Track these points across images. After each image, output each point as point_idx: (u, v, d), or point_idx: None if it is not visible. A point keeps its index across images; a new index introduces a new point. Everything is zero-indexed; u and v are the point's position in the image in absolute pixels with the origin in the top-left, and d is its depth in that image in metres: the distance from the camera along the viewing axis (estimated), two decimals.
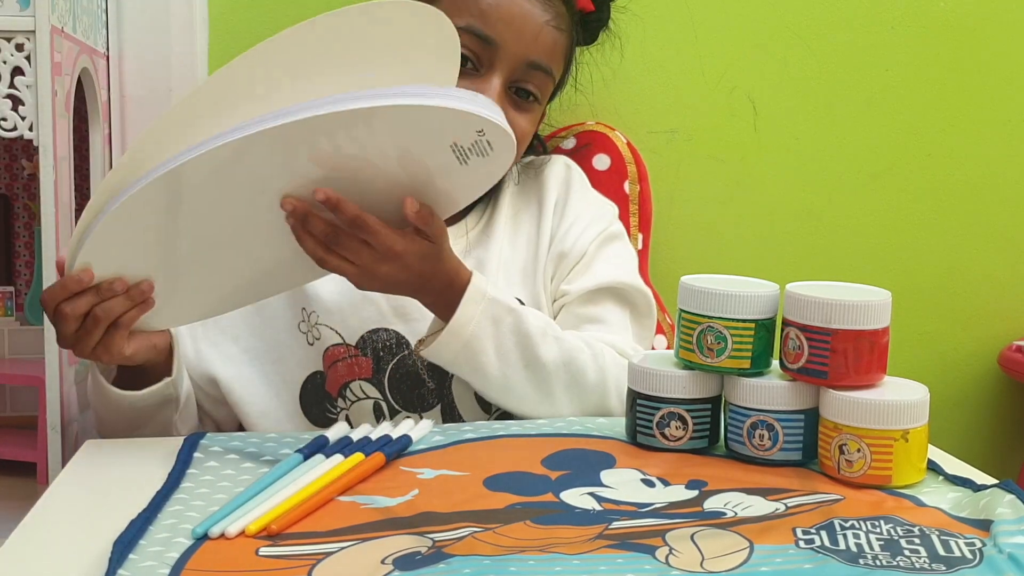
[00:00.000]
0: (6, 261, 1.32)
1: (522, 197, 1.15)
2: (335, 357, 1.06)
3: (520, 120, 1.06)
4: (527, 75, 1.06)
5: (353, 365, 1.05)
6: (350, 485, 0.79)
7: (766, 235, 1.38)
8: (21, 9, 0.99)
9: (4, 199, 1.31)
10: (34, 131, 1.00)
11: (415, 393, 1.05)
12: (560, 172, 1.16)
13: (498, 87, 1.04)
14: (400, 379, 1.05)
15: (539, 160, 1.18)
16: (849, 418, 0.80)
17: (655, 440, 0.88)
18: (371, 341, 1.06)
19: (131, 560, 0.65)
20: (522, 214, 1.14)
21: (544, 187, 1.14)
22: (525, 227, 1.13)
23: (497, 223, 1.12)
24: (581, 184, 1.17)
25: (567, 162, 1.18)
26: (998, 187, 1.41)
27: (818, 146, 1.37)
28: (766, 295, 0.86)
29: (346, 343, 1.05)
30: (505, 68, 1.05)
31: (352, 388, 1.05)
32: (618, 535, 0.69)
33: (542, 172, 1.16)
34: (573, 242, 1.10)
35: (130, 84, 1.25)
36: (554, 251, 1.10)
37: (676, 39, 1.33)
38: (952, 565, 0.65)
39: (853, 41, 1.36)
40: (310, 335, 1.06)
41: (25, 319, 1.29)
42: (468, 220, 1.12)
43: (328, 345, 1.06)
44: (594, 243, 1.10)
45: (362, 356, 1.06)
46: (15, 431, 1.24)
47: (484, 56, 1.04)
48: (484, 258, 1.09)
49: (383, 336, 1.06)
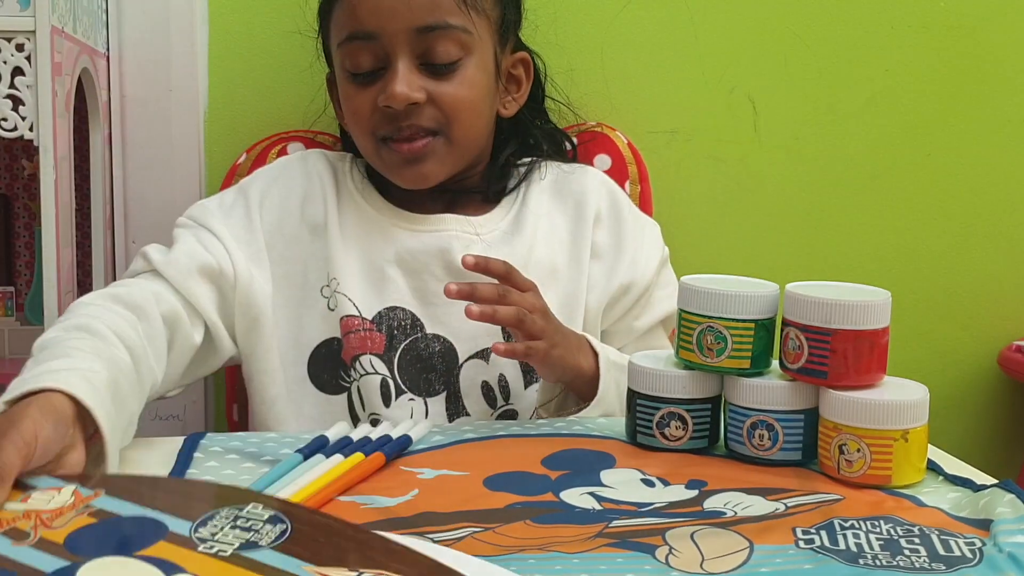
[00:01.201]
0: (6, 261, 1.32)
1: (556, 198, 1.14)
2: (349, 328, 1.06)
3: (446, 87, 1.04)
4: (426, 43, 1.03)
5: (366, 339, 1.05)
6: (350, 485, 0.79)
7: (766, 235, 1.37)
8: (21, 9, 0.99)
9: (4, 199, 1.31)
10: (34, 131, 1.01)
11: (423, 377, 1.05)
12: (601, 185, 1.15)
13: (404, 71, 1.02)
14: (411, 360, 1.06)
15: (575, 166, 1.17)
16: (849, 418, 0.80)
17: (655, 440, 0.88)
18: (387, 318, 1.06)
19: None
20: (556, 216, 1.13)
21: (583, 194, 1.13)
22: (560, 230, 1.12)
23: (526, 220, 1.11)
24: (629, 205, 1.16)
25: (605, 177, 1.17)
26: (998, 187, 1.41)
27: (818, 146, 1.37)
28: (766, 295, 0.86)
29: (362, 316, 1.06)
30: (400, 50, 1.03)
31: (362, 361, 1.05)
32: (618, 534, 0.69)
33: (578, 178, 1.15)
34: (638, 275, 1.11)
35: (130, 84, 1.25)
36: (614, 281, 1.10)
37: (676, 39, 1.33)
38: (952, 565, 0.65)
39: (853, 41, 1.36)
40: (332, 300, 1.07)
41: (25, 319, 1.29)
42: (495, 213, 1.12)
43: (344, 315, 1.06)
44: (654, 274, 1.12)
45: (376, 331, 1.06)
46: None
47: (378, 52, 1.03)
48: (511, 254, 1.07)
49: (399, 315, 1.06)
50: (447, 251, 1.07)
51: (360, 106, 1.06)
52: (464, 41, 1.05)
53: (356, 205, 1.10)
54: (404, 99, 1.02)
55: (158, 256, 1.02)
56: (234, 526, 0.62)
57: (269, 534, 0.62)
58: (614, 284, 1.11)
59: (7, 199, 1.31)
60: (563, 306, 1.08)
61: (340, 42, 1.06)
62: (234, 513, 0.63)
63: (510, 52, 1.13)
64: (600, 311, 1.11)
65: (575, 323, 1.09)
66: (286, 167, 1.13)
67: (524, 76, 1.14)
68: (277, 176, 1.12)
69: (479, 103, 1.07)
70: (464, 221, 1.10)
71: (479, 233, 1.09)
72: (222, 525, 0.62)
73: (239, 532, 0.61)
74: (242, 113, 1.29)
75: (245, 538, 0.61)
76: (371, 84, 1.05)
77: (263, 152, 1.24)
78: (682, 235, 1.30)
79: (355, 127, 1.08)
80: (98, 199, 1.21)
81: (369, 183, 1.12)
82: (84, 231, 1.26)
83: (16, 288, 1.31)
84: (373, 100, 1.05)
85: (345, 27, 1.05)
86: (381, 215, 1.10)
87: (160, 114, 1.25)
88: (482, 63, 1.07)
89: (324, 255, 1.07)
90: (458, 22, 1.04)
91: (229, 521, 0.62)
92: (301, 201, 1.10)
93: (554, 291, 1.08)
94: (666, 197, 1.31)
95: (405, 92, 1.02)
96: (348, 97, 1.08)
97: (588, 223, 1.12)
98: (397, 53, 1.03)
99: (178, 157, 1.26)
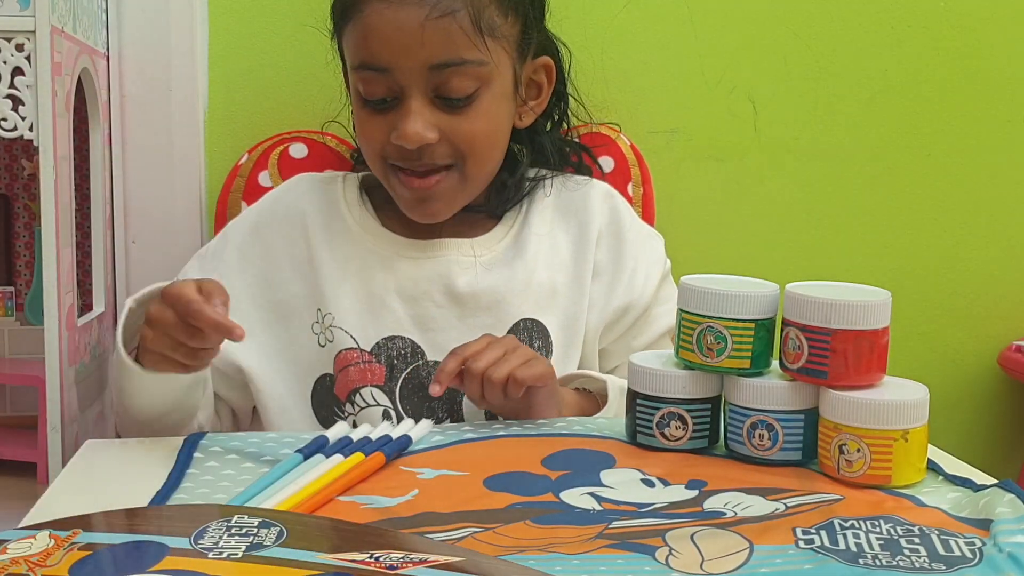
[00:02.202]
0: (6, 261, 1.32)
1: (559, 216, 1.12)
2: (347, 361, 1.05)
3: (461, 123, 1.01)
4: (440, 79, 0.99)
5: (366, 371, 1.04)
6: (350, 485, 0.79)
7: (766, 235, 1.37)
8: (21, 9, 0.99)
9: (4, 199, 1.31)
10: (34, 131, 1.00)
11: (426, 405, 1.04)
12: (604, 201, 1.13)
13: (418, 107, 1.00)
14: (412, 389, 1.05)
15: (579, 180, 1.15)
16: (849, 418, 0.80)
17: (655, 440, 0.88)
18: (386, 348, 1.05)
19: None
20: (558, 234, 1.11)
21: (586, 212, 1.11)
22: (562, 250, 1.10)
23: (528, 239, 1.09)
24: (631, 219, 1.14)
25: (610, 190, 1.15)
26: (998, 187, 1.41)
27: (818, 146, 1.37)
28: (766, 295, 0.86)
29: (360, 348, 1.05)
30: (414, 86, 1.00)
31: (363, 394, 1.04)
32: (618, 535, 0.69)
33: (582, 193, 1.13)
34: (635, 296, 1.10)
35: (130, 84, 1.25)
36: (612, 302, 1.09)
37: (676, 39, 1.33)
38: (952, 564, 0.65)
39: (853, 41, 1.36)
40: (323, 336, 1.06)
41: (25, 319, 1.29)
42: (496, 232, 1.10)
43: (341, 349, 1.05)
44: (653, 292, 1.11)
45: (376, 363, 1.04)
46: (15, 431, 1.24)
47: (391, 84, 1.01)
48: (512, 277, 1.07)
49: (399, 344, 1.05)
50: (446, 276, 1.06)
51: (373, 133, 1.04)
52: (480, 74, 1.01)
53: (350, 234, 1.08)
54: (418, 140, 1.00)
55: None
56: (231, 535, 0.62)
57: (268, 536, 0.62)
58: (612, 305, 1.09)
59: (7, 199, 1.31)
60: (563, 328, 1.08)
61: (353, 67, 1.03)
62: (224, 524, 0.63)
63: (531, 58, 1.09)
64: (599, 331, 1.10)
65: (575, 344, 1.08)
66: (260, 214, 1.11)
67: (545, 80, 1.11)
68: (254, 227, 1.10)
69: (495, 134, 1.05)
70: (464, 244, 1.08)
71: (478, 256, 1.08)
72: (219, 536, 0.62)
73: (239, 538, 0.61)
74: (242, 113, 1.29)
75: (248, 542, 0.61)
76: (384, 112, 1.02)
77: (265, 152, 1.24)
78: (682, 235, 1.30)
79: (367, 150, 1.06)
80: (98, 199, 1.21)
81: (363, 207, 1.11)
82: (84, 231, 1.25)
83: (16, 288, 1.31)
84: (386, 131, 1.02)
85: (357, 55, 1.02)
86: (377, 243, 1.08)
87: (160, 114, 1.25)
88: (500, 89, 1.04)
89: (311, 292, 1.06)
90: (473, 56, 1.00)
91: (223, 532, 0.62)
92: (282, 249, 1.08)
93: (554, 313, 1.08)
94: (666, 197, 1.31)
95: (419, 133, 1.00)
96: (361, 121, 1.05)
97: (591, 243, 1.10)
98: (411, 89, 1.00)
99: (178, 157, 1.26)
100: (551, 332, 1.07)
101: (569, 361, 1.08)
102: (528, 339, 1.06)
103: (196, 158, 1.26)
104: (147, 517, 0.69)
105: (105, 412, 1.21)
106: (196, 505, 0.74)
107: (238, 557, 0.59)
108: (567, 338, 1.08)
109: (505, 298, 1.06)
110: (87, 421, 1.12)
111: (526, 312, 1.07)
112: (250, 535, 0.62)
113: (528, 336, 1.06)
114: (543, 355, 1.05)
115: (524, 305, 1.07)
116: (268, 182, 1.23)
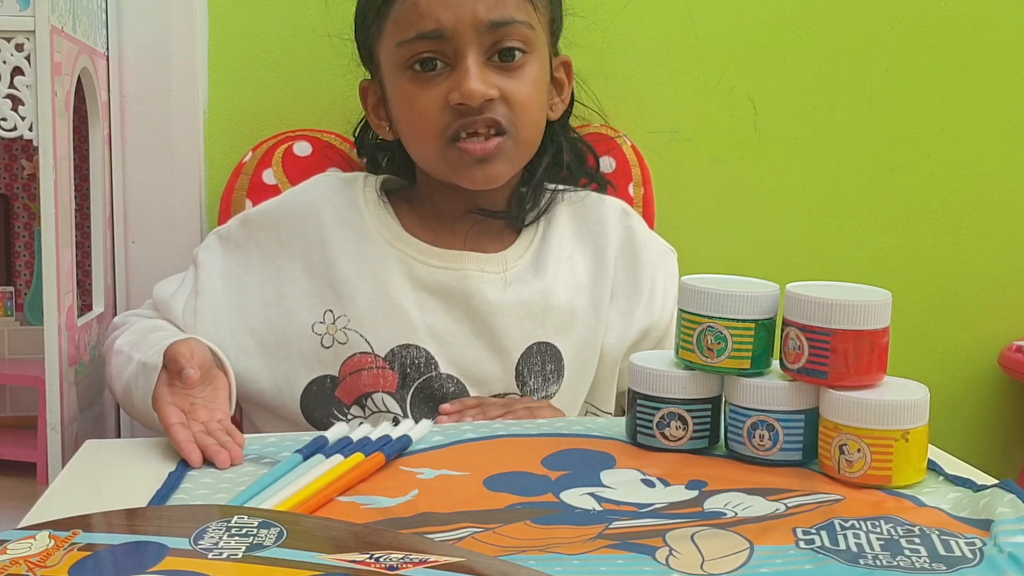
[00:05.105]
0: (6, 261, 1.32)
1: (577, 236, 1.12)
2: (359, 366, 1.04)
3: (515, 85, 1.03)
4: (495, 38, 1.02)
5: (379, 377, 1.04)
6: (350, 485, 0.79)
7: (766, 235, 1.37)
8: (21, 9, 0.99)
9: (4, 199, 1.31)
10: (34, 131, 1.00)
11: (436, 416, 1.03)
12: (620, 220, 1.13)
13: (475, 68, 1.02)
14: (424, 399, 1.04)
15: (594, 198, 1.15)
16: (849, 418, 0.80)
17: (655, 440, 0.88)
18: (400, 356, 1.04)
19: None
20: (577, 257, 1.11)
21: (603, 235, 1.12)
22: (581, 274, 1.10)
23: (547, 260, 1.09)
24: (646, 236, 1.14)
25: (625, 208, 1.15)
26: (998, 187, 1.41)
27: (818, 146, 1.37)
28: (766, 295, 0.86)
29: (374, 353, 1.04)
30: (471, 47, 1.02)
31: (374, 399, 1.04)
32: (618, 535, 0.69)
33: (599, 215, 1.13)
34: (655, 317, 1.11)
35: (130, 84, 1.25)
36: (633, 325, 1.10)
37: (676, 39, 1.33)
38: (952, 565, 0.65)
39: (853, 41, 1.36)
40: (327, 338, 1.05)
41: (25, 319, 1.29)
42: (515, 249, 1.10)
43: (354, 352, 1.04)
44: (672, 311, 1.10)
45: (389, 369, 1.04)
46: (15, 431, 1.24)
47: (447, 49, 1.02)
48: (530, 299, 1.07)
49: (413, 353, 1.04)
50: (464, 291, 1.05)
51: (428, 106, 1.03)
52: (529, 38, 1.04)
53: (370, 237, 1.07)
54: (480, 95, 1.01)
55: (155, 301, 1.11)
56: (231, 535, 0.62)
57: (268, 536, 0.62)
58: (633, 329, 1.10)
59: (7, 199, 1.31)
60: (578, 352, 1.08)
61: (403, 41, 1.03)
62: (224, 525, 0.63)
63: (555, 54, 1.12)
64: (620, 354, 1.10)
65: (588, 367, 1.09)
66: (281, 210, 1.11)
67: (566, 80, 1.13)
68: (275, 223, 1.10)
69: (541, 102, 1.07)
70: (483, 259, 1.08)
71: (498, 271, 1.07)
72: (218, 536, 0.62)
73: (239, 539, 0.61)
74: (242, 113, 1.29)
75: (247, 542, 0.61)
76: (438, 82, 1.03)
77: (269, 151, 1.24)
78: (682, 235, 1.30)
79: (421, 129, 1.05)
80: (98, 199, 1.21)
81: (382, 207, 1.10)
82: (84, 231, 1.25)
83: (16, 288, 1.31)
84: (442, 98, 1.02)
85: (412, 25, 1.02)
86: (398, 248, 1.07)
87: (160, 114, 1.25)
88: (541, 62, 1.07)
89: (320, 292, 1.06)
90: (523, 17, 1.04)
91: (223, 532, 0.62)
92: (297, 248, 1.08)
93: (570, 337, 1.08)
94: (666, 197, 1.31)
95: (481, 89, 1.01)
96: (412, 99, 1.05)
97: (608, 266, 1.10)
98: (468, 49, 1.02)
99: (178, 157, 1.26)
100: (565, 356, 1.08)
101: (581, 385, 1.09)
102: (541, 362, 1.07)
103: (196, 158, 1.26)
104: (147, 517, 0.69)
105: (105, 412, 1.22)
106: (196, 505, 0.74)
107: (238, 558, 0.59)
108: (581, 362, 1.08)
109: (522, 320, 1.06)
110: (87, 421, 1.12)
111: (541, 336, 1.07)
112: (250, 535, 0.62)
113: (541, 359, 1.07)
114: (555, 378, 1.07)
115: (540, 329, 1.07)
116: (272, 180, 1.23)
